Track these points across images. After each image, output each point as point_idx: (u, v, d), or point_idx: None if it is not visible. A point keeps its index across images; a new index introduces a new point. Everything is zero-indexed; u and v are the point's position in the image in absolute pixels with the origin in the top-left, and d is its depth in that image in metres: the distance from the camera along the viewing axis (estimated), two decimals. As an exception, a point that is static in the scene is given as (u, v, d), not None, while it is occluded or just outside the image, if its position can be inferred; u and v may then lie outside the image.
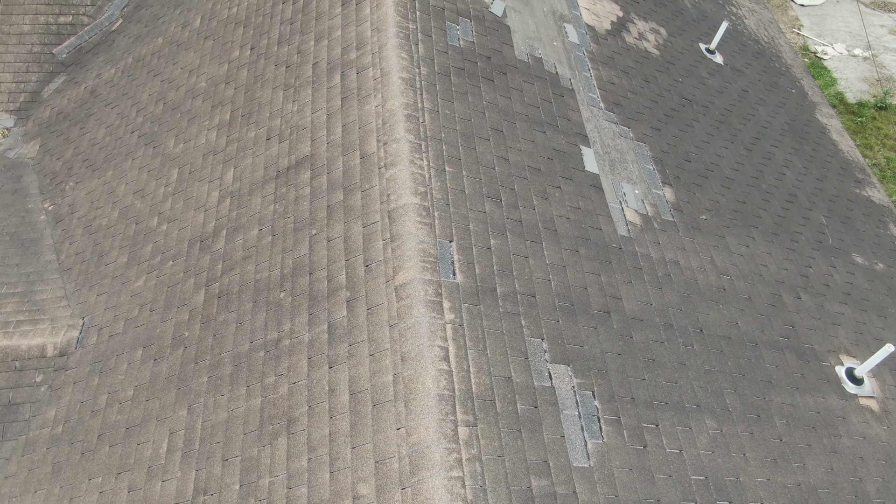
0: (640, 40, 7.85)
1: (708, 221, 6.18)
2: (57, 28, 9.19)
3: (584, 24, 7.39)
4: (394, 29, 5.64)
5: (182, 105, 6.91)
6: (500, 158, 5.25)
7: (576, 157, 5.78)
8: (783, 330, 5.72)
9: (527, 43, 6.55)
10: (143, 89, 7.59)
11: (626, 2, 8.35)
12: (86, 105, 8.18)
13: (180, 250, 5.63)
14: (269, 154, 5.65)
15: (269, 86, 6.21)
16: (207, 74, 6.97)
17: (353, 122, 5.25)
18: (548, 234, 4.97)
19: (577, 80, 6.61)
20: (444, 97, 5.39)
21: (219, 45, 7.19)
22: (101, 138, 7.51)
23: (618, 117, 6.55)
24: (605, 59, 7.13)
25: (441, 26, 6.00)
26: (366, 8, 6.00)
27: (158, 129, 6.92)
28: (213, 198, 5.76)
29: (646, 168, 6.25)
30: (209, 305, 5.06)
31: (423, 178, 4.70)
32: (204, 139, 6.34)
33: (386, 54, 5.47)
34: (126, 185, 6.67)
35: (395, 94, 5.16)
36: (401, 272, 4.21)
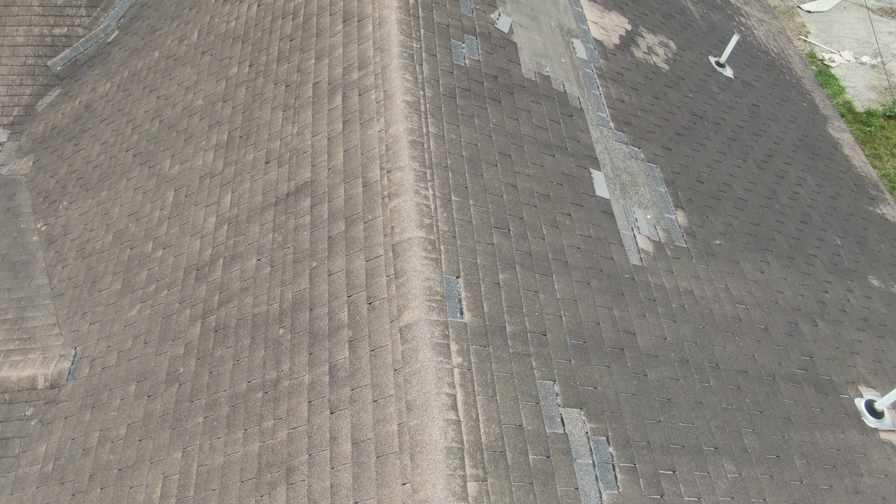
0: (648, 54, 7.65)
1: (722, 247, 5.98)
2: (52, 40, 8.99)
3: (592, 39, 7.18)
4: (397, 49, 5.43)
5: (178, 123, 6.71)
6: (508, 185, 5.05)
7: (586, 181, 5.57)
8: (801, 361, 5.52)
9: (534, 60, 6.35)
10: (139, 105, 7.39)
11: (635, 14, 8.15)
12: (80, 120, 7.98)
13: (175, 279, 5.43)
14: (267, 179, 5.45)
15: (267, 106, 6.01)
16: (205, 91, 6.77)
17: (355, 148, 5.04)
18: (558, 266, 4.77)
19: (586, 98, 6.40)
20: (449, 120, 5.18)
21: (216, 60, 6.99)
22: (95, 156, 7.30)
23: (628, 137, 6.34)
24: (614, 76, 6.93)
25: (446, 45, 5.80)
26: (368, 26, 5.80)
27: (154, 149, 6.71)
28: (210, 224, 5.56)
29: (657, 191, 6.04)
30: (205, 339, 4.86)
31: (429, 209, 4.49)
32: (201, 160, 6.14)
33: (389, 76, 5.27)
34: (120, 207, 6.46)
35: (398, 118, 4.96)
36: (406, 312, 4.01)
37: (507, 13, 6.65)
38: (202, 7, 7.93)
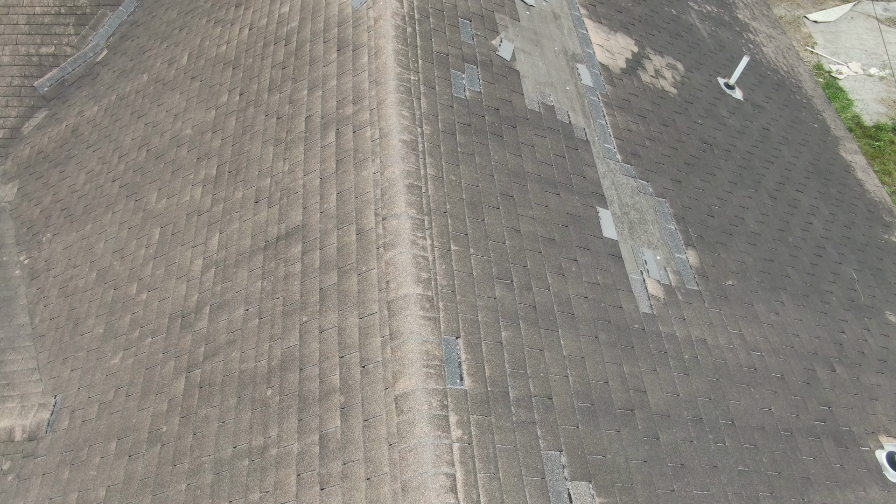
0: (656, 78, 7.36)
1: (735, 287, 5.70)
2: (38, 59, 8.71)
3: (598, 64, 6.90)
4: (394, 82, 5.15)
5: (166, 154, 6.43)
6: (510, 230, 4.77)
7: (593, 221, 5.29)
8: (819, 412, 5.24)
9: (537, 89, 6.06)
10: (126, 132, 7.10)
11: (642, 34, 7.86)
12: (66, 146, 7.70)
13: (160, 325, 5.15)
14: (257, 220, 5.16)
15: (258, 139, 5.73)
16: (193, 120, 6.49)
17: (348, 190, 4.76)
18: (564, 319, 4.48)
19: (592, 128, 6.12)
20: (449, 160, 4.90)
21: (206, 87, 6.71)
22: (80, 185, 7.02)
23: (636, 170, 6.06)
24: (621, 103, 6.64)
25: (445, 76, 5.52)
26: (363, 56, 5.52)
27: (141, 180, 6.43)
28: (197, 266, 5.28)
29: (667, 228, 5.76)
30: (189, 396, 4.58)
31: (427, 262, 4.21)
32: (188, 196, 5.85)
33: (385, 112, 4.99)
34: (105, 243, 6.18)
35: (395, 159, 4.68)
36: (401, 379, 3.73)
37: (510, 38, 6.37)
38: (192, 28, 7.64)
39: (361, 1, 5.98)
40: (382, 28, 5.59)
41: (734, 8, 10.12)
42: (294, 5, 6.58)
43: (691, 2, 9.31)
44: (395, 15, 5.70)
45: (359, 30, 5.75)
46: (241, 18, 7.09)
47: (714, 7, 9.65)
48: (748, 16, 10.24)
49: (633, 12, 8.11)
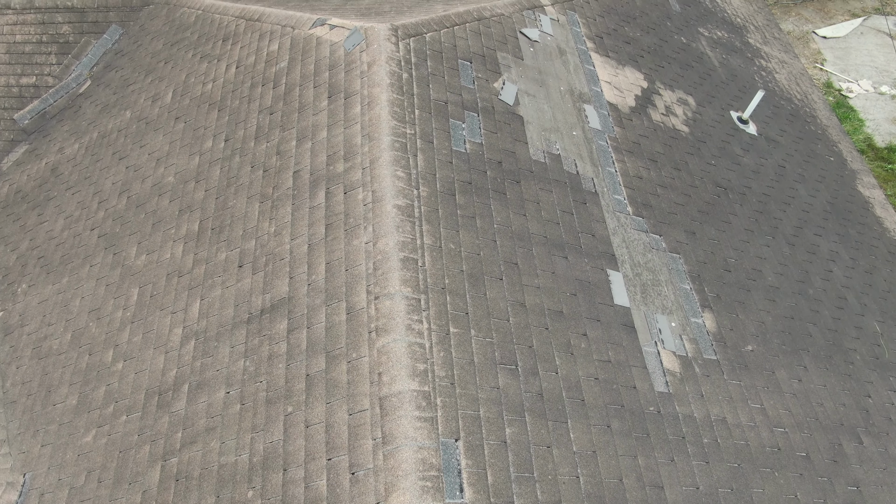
0: (667, 116, 6.98)
1: (755, 353, 5.31)
2: (19, 90, 8.32)
3: (606, 104, 6.51)
4: (388, 138, 4.77)
5: (147, 203, 6.04)
6: (515, 304, 4.38)
7: (603, 286, 4.91)
8: (847, 494, 4.86)
9: (542, 137, 5.68)
10: (107, 175, 6.72)
11: (651, 67, 7.47)
12: (46, 185, 7.31)
13: (136, 402, 4.76)
14: (240, 288, 4.78)
15: (243, 193, 5.34)
16: (177, 167, 6.10)
17: (338, 261, 4.38)
18: (574, 408, 4.10)
19: (601, 178, 5.73)
20: (447, 226, 4.52)
21: (190, 129, 6.32)
22: (58, 232, 6.64)
23: (647, 223, 5.68)
24: (631, 146, 6.26)
25: (444, 127, 5.13)
26: (356, 105, 5.13)
27: (120, 231, 6.05)
28: (176, 336, 4.89)
29: (682, 288, 5.37)
30: (165, 490, 4.19)
31: (423, 350, 3.83)
32: (169, 253, 5.47)
33: (378, 172, 4.60)
34: (81, 300, 5.79)
35: (388, 228, 4.29)
36: (395, 494, 3.34)
37: (513, 80, 5.98)
38: (178, 62, 7.26)
39: (354, 42, 5.59)
40: (376, 75, 5.20)
41: (745, 32, 9.73)
42: (283, 44, 6.19)
43: (702, 28, 8.92)
44: (390, 60, 5.31)
45: (351, 75, 5.37)
46: (227, 54, 6.70)
47: (725, 32, 9.27)
48: (759, 40, 9.85)
49: (641, 43, 7.72)
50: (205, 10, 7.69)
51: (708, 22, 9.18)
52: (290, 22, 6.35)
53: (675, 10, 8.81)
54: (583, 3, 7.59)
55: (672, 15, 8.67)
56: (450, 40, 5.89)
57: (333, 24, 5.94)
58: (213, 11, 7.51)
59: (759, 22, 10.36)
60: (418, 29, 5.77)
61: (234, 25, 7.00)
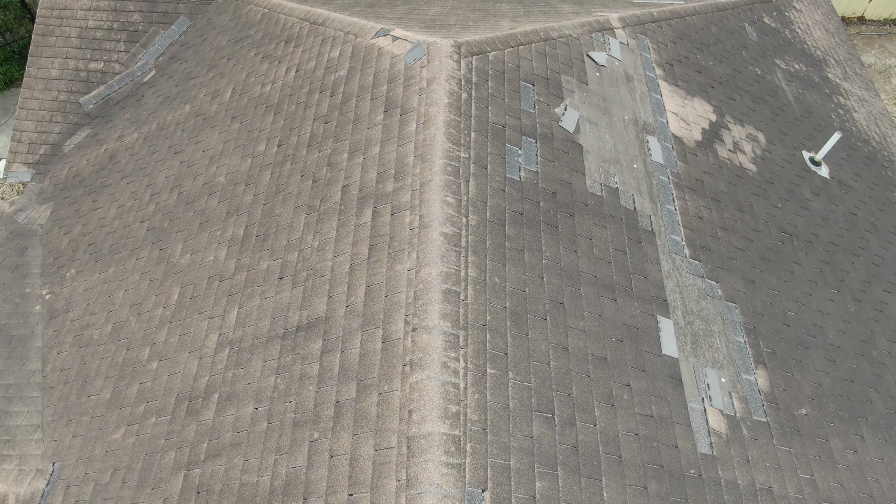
0: (734, 152, 6.65)
1: (808, 417, 4.99)
2: (87, 75, 8.50)
3: (671, 136, 6.23)
4: (441, 161, 4.63)
5: (196, 201, 6.05)
6: (557, 347, 4.19)
7: (652, 334, 4.67)
8: (899, 583, 4.51)
9: (601, 168, 5.45)
10: (161, 168, 6.77)
11: (721, 99, 7.14)
12: (103, 172, 7.43)
13: (166, 405, 4.75)
14: (279, 300, 4.71)
15: (290, 202, 5.28)
16: (228, 167, 6.09)
17: (378, 285, 4.26)
18: (610, 465, 3.89)
19: (659, 216, 5.48)
20: (494, 258, 4.35)
21: (245, 130, 6.31)
22: (110, 220, 6.72)
23: (704, 268, 5.39)
24: (693, 184, 5.97)
25: (500, 152, 4.97)
26: (411, 123, 5.01)
27: (168, 227, 6.08)
28: (211, 342, 4.86)
29: (735, 341, 5.08)
30: (185, 500, 4.15)
31: (457, 391, 3.67)
32: (212, 256, 5.45)
33: (428, 196, 4.47)
34: (125, 293, 5.84)
35: (433, 257, 4.15)
36: (414, 543, 3.21)
37: (575, 105, 5.77)
38: (240, 60, 7.28)
39: (416, 57, 5.47)
40: (435, 93, 5.07)
41: (825, 66, 9.26)
42: (345, 51, 6.12)
43: (779, 59, 8.51)
44: (451, 78, 5.17)
45: (409, 91, 5.25)
46: (289, 57, 6.67)
47: (803, 66, 8.82)
48: (839, 75, 9.35)
49: (713, 72, 7.39)
50: (271, 8, 7.69)
51: (786, 53, 8.76)
52: (353, 29, 6.28)
53: (752, 39, 8.43)
54: (655, 27, 7.30)
55: (748, 44, 8.29)
56: (513, 60, 5.71)
57: (396, 36, 5.83)
58: (279, 11, 7.51)
59: (841, 55, 9.85)
60: (482, 47, 5.61)
61: (298, 28, 6.97)
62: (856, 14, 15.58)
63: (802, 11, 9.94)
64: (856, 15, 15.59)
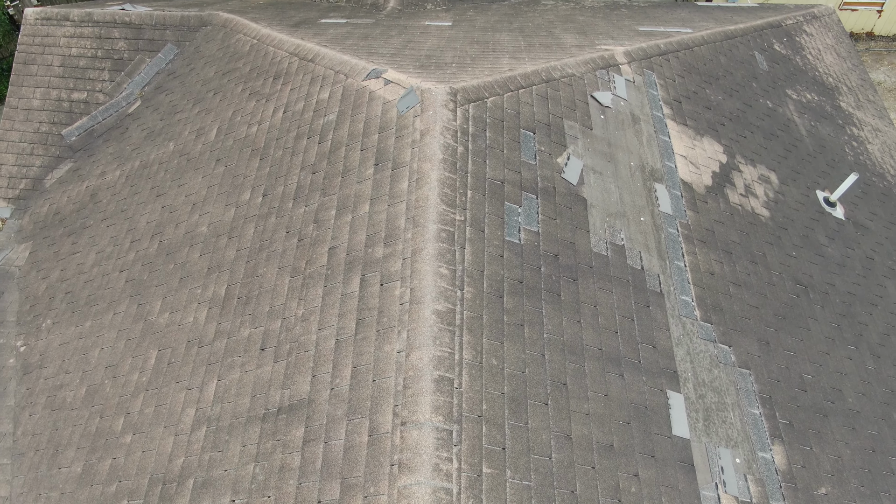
0: (746, 197, 6.31)
1: (828, 497, 4.65)
2: (69, 105, 8.17)
3: (679, 183, 5.89)
4: (434, 226, 4.29)
5: (177, 253, 5.72)
6: (560, 437, 3.85)
7: (661, 413, 4.33)
8: None
9: (607, 224, 5.12)
10: (143, 211, 6.44)
11: (732, 138, 6.80)
12: (83, 211, 7.10)
13: (139, 487, 4.42)
14: (259, 375, 4.38)
15: (275, 262, 4.95)
16: (211, 216, 5.76)
17: (366, 368, 3.92)
18: (617, 573, 3.55)
19: (668, 274, 5.14)
20: (491, 335, 4.02)
21: (230, 175, 5.98)
22: (88, 267, 6.39)
23: (716, 331, 5.06)
24: (704, 235, 5.63)
25: (498, 212, 4.63)
26: (403, 180, 4.67)
27: (148, 279, 5.74)
28: (188, 417, 4.53)
29: (750, 414, 4.75)
30: None
31: (449, 499, 3.34)
32: (192, 316, 5.12)
33: (420, 267, 4.13)
34: (100, 352, 5.51)
35: (425, 339, 3.82)
36: None
37: (578, 153, 5.43)
38: (226, 95, 6.94)
39: (408, 105, 5.14)
40: (429, 147, 4.74)
41: (837, 94, 8.91)
42: (334, 93, 5.79)
43: (790, 90, 8.17)
44: (446, 130, 4.84)
45: (402, 143, 4.92)
46: (277, 95, 6.34)
47: (815, 95, 8.48)
48: (852, 104, 9.01)
49: (723, 108, 7.05)
50: (260, 39, 7.36)
51: (797, 82, 8.42)
52: (344, 69, 5.95)
53: (763, 68, 8.09)
54: (662, 60, 6.97)
55: (759, 74, 7.95)
56: (513, 106, 5.38)
57: (388, 79, 5.50)
58: (268, 43, 7.18)
59: (853, 82, 9.50)
60: (479, 93, 5.28)
61: (287, 63, 6.64)
62: (864, 30, 15.22)
63: (813, 35, 9.59)
64: (864, 31, 15.24)
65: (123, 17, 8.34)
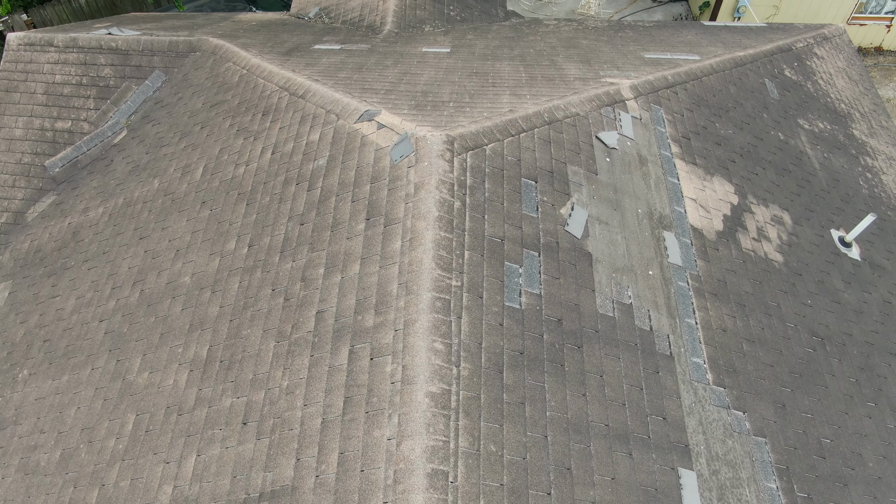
0: (758, 241, 6.00)
1: (852, 581, 4.35)
2: (53, 135, 7.87)
3: (689, 229, 5.59)
4: (429, 294, 3.99)
5: (159, 305, 5.42)
6: (563, 532, 3.55)
7: (672, 495, 4.02)
8: None
9: (613, 280, 4.81)
10: (125, 255, 6.14)
11: (743, 175, 6.49)
12: (65, 251, 6.80)
13: (111, 573, 4.12)
14: (241, 453, 4.07)
15: (259, 323, 4.65)
16: (195, 265, 5.46)
17: (353, 455, 3.62)
18: None
19: (678, 334, 4.84)
20: (490, 417, 3.71)
21: (215, 221, 5.67)
22: (68, 314, 6.09)
23: (730, 395, 4.75)
24: (715, 287, 5.33)
25: (497, 273, 4.33)
26: (396, 239, 4.37)
27: (128, 332, 5.44)
28: (165, 496, 4.23)
29: (766, 488, 4.44)
30: None
31: None
32: (172, 379, 4.82)
33: (413, 342, 3.83)
34: (77, 411, 5.21)
35: (417, 426, 3.51)
36: None
37: (583, 203, 5.13)
38: (213, 130, 6.64)
39: (402, 153, 4.83)
40: (423, 203, 4.43)
41: (849, 121, 8.60)
42: (325, 135, 5.49)
43: (801, 119, 7.86)
44: (442, 184, 4.53)
45: (395, 196, 4.61)
46: (265, 134, 6.04)
47: (827, 123, 8.17)
48: (865, 131, 8.69)
49: (733, 143, 6.74)
50: (250, 69, 7.06)
51: (809, 111, 8.10)
52: (336, 108, 5.64)
53: (773, 97, 7.77)
54: (670, 93, 6.66)
55: (769, 104, 7.64)
56: (514, 153, 5.07)
57: (382, 123, 5.19)
58: (258, 74, 6.88)
59: (865, 107, 9.19)
60: (478, 140, 4.97)
61: (277, 98, 6.34)
62: (873, 45, 14.90)
63: (824, 59, 9.28)
64: (873, 45, 14.91)
65: (110, 43, 8.04)
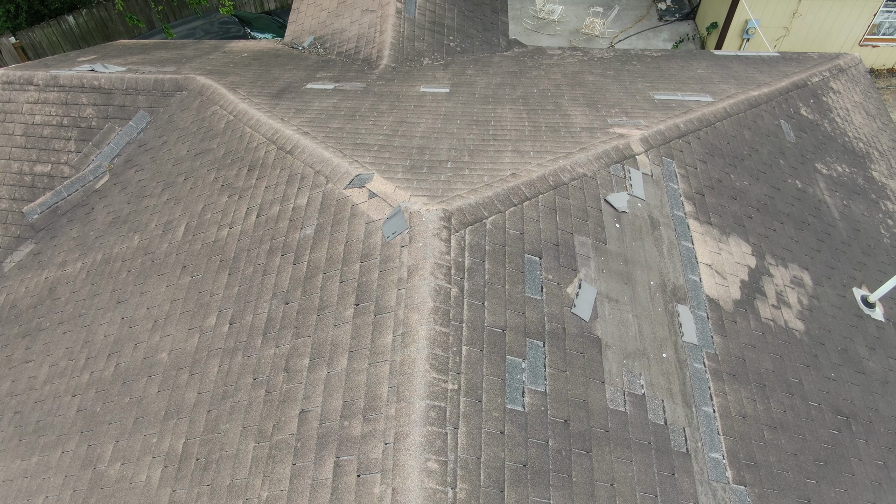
0: (778, 308, 5.60)
1: None
2: (32, 179, 7.50)
3: (705, 301, 5.19)
4: (423, 403, 3.60)
5: (134, 383, 5.03)
6: None
7: None
8: None
9: (624, 368, 4.42)
10: (102, 319, 5.76)
11: (760, 232, 6.10)
12: (41, 309, 6.42)
13: None
14: (214, 577, 3.69)
15: (239, 418, 4.26)
16: (173, 340, 5.08)
17: None
18: None
19: (694, 425, 4.44)
20: (489, 549, 3.32)
21: (195, 290, 5.29)
22: (40, 383, 5.71)
23: (751, 494, 4.36)
24: (733, 366, 4.93)
25: (498, 371, 3.94)
26: (387, 332, 3.98)
27: (101, 412, 5.06)
28: None
29: None
30: None
31: None
32: (144, 475, 4.43)
33: (403, 461, 3.44)
34: (45, 501, 4.83)
35: (408, 566, 3.12)
36: None
37: (591, 279, 4.74)
38: (197, 183, 6.26)
39: (395, 230, 4.45)
40: (417, 291, 4.04)
41: (868, 161, 8.20)
42: (313, 200, 5.11)
43: (819, 163, 7.46)
44: (437, 268, 4.14)
45: (386, 280, 4.22)
46: (251, 192, 5.66)
47: (846, 166, 7.77)
48: (884, 172, 8.29)
49: (749, 196, 6.34)
50: (237, 116, 6.68)
51: (826, 153, 7.70)
52: (325, 170, 5.26)
53: (790, 140, 7.38)
54: (682, 144, 6.27)
55: (786, 148, 7.24)
56: (516, 225, 4.69)
57: (373, 192, 4.81)
58: (245, 122, 6.49)
59: (884, 145, 8.78)
60: (477, 213, 4.59)
61: (264, 151, 5.95)
62: (886, 66, 14.48)
63: (841, 93, 8.88)
64: (886, 67, 14.50)
65: (92, 81, 7.66)
